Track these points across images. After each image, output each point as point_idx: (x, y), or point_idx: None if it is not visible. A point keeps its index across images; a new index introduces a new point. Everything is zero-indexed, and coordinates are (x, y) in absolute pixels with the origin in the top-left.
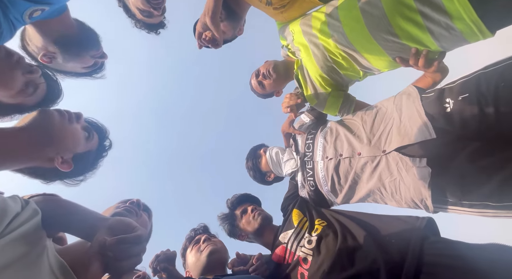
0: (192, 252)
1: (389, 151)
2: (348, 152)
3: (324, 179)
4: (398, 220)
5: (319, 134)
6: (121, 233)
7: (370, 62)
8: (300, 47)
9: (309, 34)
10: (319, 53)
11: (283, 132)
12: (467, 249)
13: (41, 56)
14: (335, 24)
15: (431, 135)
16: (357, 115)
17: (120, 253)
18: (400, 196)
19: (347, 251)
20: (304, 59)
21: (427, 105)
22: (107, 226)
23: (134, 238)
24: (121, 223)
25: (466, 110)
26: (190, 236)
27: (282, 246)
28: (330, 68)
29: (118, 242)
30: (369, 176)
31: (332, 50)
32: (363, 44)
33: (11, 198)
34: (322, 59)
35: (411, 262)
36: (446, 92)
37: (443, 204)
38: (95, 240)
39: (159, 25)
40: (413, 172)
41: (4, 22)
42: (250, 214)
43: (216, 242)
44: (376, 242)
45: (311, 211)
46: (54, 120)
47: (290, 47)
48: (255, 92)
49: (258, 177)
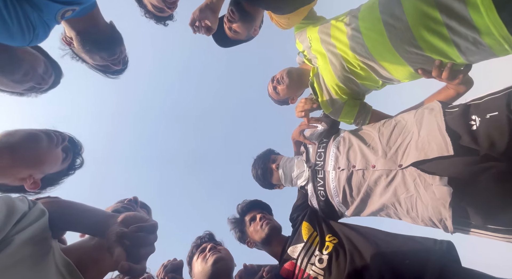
0: (198, 260)
1: (406, 166)
2: (362, 163)
3: (335, 190)
4: (414, 241)
5: (332, 144)
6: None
7: (390, 73)
8: (317, 55)
9: (327, 43)
10: (336, 63)
11: (293, 139)
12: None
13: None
14: (356, 35)
15: (448, 152)
16: (373, 127)
17: (138, 240)
18: (417, 213)
19: (356, 272)
20: (321, 67)
21: (450, 121)
22: (120, 220)
23: (151, 226)
24: (134, 216)
25: (494, 130)
26: (196, 244)
27: (291, 261)
28: (347, 78)
29: (137, 230)
30: (382, 190)
31: (350, 60)
32: (384, 56)
33: (18, 198)
34: (339, 69)
35: None
36: (472, 109)
37: (464, 226)
38: (111, 232)
39: (167, 17)
40: (432, 190)
41: (39, 24)
42: (258, 223)
43: (221, 250)
44: (389, 263)
45: (321, 224)
46: (42, 145)
47: (306, 54)
48: (271, 98)
49: (266, 187)
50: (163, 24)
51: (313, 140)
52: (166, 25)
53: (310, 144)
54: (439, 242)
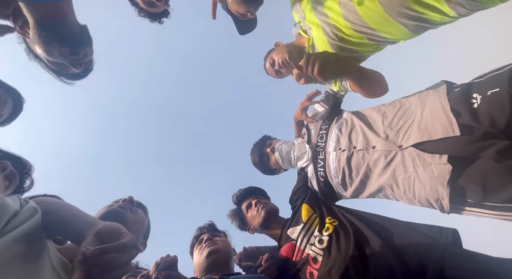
0: (196, 252)
1: (406, 147)
2: (363, 144)
3: (335, 171)
4: (418, 232)
5: (334, 125)
6: (108, 240)
7: (385, 37)
8: (312, 26)
9: (319, 13)
10: (330, 32)
11: (295, 120)
12: (491, 263)
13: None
14: (347, 3)
15: (454, 133)
16: (377, 109)
17: (103, 264)
18: (414, 194)
19: (361, 256)
20: (315, 37)
21: (452, 100)
22: (94, 233)
23: (118, 247)
24: (108, 229)
25: (495, 106)
26: (196, 235)
27: (290, 242)
28: (342, 47)
29: (100, 253)
30: (381, 171)
31: (343, 29)
32: (377, 21)
33: (9, 197)
34: (333, 38)
35: (432, 276)
36: (473, 87)
37: (460, 204)
38: (80, 248)
39: (162, 14)
40: (431, 169)
41: None
42: (254, 208)
43: (218, 242)
44: (393, 250)
45: (321, 207)
46: None
47: (302, 25)
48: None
49: (267, 172)
50: (158, 22)
51: (317, 119)
52: (161, 23)
53: (312, 122)
54: (445, 231)
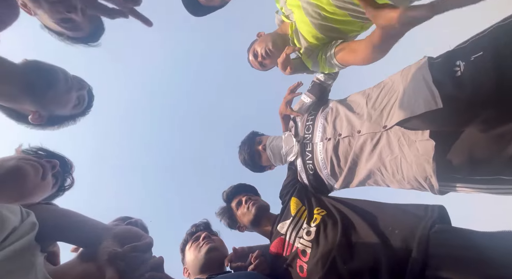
0: (191, 249)
1: (390, 126)
2: (347, 130)
3: (323, 162)
4: (404, 212)
5: (320, 115)
6: (130, 242)
7: None
8: (293, 9)
9: None
10: (312, 11)
11: (280, 114)
12: (477, 238)
13: None
14: None
15: (437, 105)
16: (362, 92)
17: (132, 261)
18: (402, 175)
19: (348, 243)
20: (298, 20)
21: (434, 71)
22: (113, 235)
23: (145, 245)
24: (129, 232)
25: (479, 72)
26: (191, 232)
27: (280, 237)
28: (325, 26)
29: (131, 250)
30: (368, 155)
31: (325, 7)
32: None
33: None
34: (316, 17)
35: (417, 257)
36: (456, 54)
37: (450, 181)
38: (103, 250)
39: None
40: (416, 147)
41: None
42: (244, 205)
43: (215, 240)
44: (379, 234)
45: (310, 199)
46: (27, 181)
47: (284, 10)
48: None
49: (257, 170)
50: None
51: (302, 112)
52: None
53: (297, 115)
54: (431, 208)
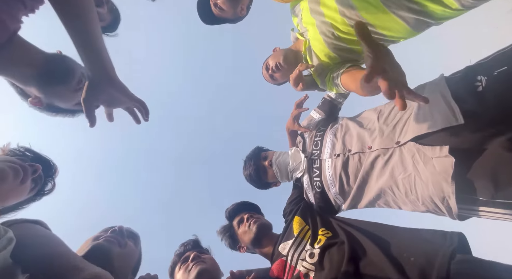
0: (180, 272)
1: (404, 142)
2: (358, 146)
3: (331, 179)
4: (420, 237)
5: (329, 131)
6: None
7: (384, 34)
8: (308, 27)
9: (316, 12)
10: (326, 30)
11: (287, 130)
12: (501, 271)
13: None
14: None
15: (457, 121)
16: (374, 109)
17: None
18: (416, 195)
19: (355, 269)
20: (311, 38)
21: (453, 87)
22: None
23: None
24: None
25: (502, 87)
26: (180, 252)
27: (281, 259)
28: (338, 46)
29: None
30: (379, 172)
31: (340, 27)
32: (375, 15)
33: None
34: (329, 36)
35: None
36: (476, 69)
37: (470, 204)
38: None
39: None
40: (432, 164)
41: None
42: (246, 223)
43: (205, 260)
44: (392, 260)
45: (315, 218)
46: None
47: (299, 28)
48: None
49: (262, 187)
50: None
51: (310, 128)
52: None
53: (305, 131)
54: (449, 234)
